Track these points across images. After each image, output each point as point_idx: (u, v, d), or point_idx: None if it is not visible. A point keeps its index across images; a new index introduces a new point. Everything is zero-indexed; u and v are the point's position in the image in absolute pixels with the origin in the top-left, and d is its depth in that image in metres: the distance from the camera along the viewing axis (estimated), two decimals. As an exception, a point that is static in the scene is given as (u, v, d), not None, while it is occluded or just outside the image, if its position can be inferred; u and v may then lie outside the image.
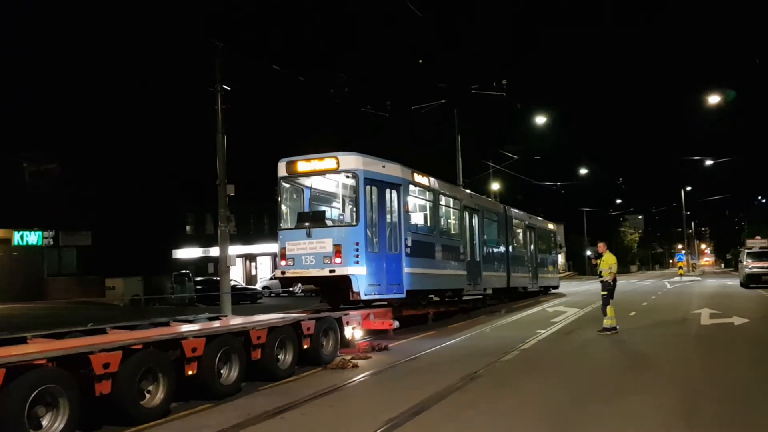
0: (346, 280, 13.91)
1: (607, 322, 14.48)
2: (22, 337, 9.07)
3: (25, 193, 34.86)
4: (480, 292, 21.82)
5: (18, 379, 6.32)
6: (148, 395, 7.82)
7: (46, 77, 40.80)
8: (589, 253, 76.71)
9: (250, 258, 51.97)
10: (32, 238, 34.93)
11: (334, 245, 14.00)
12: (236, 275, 42.69)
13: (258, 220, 51.12)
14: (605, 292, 14.67)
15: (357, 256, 13.90)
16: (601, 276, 14.96)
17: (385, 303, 15.31)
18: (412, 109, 28.92)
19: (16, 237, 34.17)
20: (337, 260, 13.94)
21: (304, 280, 14.86)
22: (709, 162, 51.79)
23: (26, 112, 36.22)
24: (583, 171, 58.67)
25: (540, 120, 36.55)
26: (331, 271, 14.02)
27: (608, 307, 14.57)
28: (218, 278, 22.19)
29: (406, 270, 15.16)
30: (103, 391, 7.20)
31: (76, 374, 6.99)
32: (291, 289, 15.06)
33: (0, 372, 6.18)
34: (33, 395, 6.37)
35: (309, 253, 14.24)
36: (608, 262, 14.91)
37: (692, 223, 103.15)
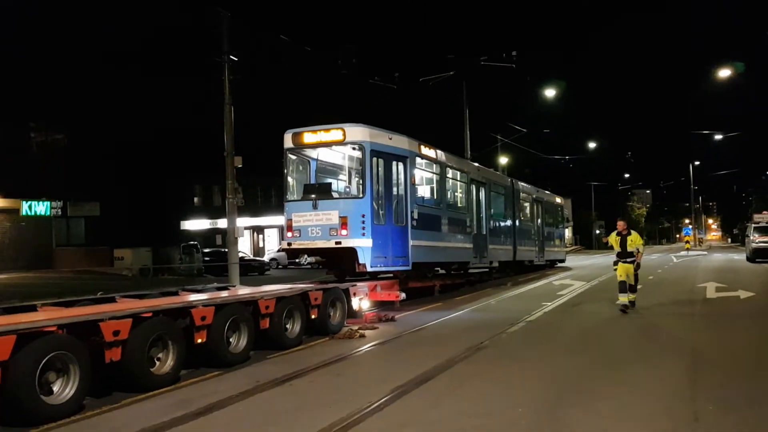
0: (351, 252, 13.94)
1: (632, 297, 13.90)
2: (32, 304, 9.15)
3: (32, 163, 34.95)
4: (486, 265, 21.86)
5: (29, 346, 6.40)
6: (158, 362, 7.93)
7: (52, 46, 40.58)
8: (598, 231, 76.33)
9: (258, 230, 52.12)
10: (40, 208, 35.11)
11: (340, 217, 14.02)
12: (244, 247, 42.92)
13: (266, 193, 51.15)
14: (637, 271, 14.05)
15: (363, 229, 13.91)
16: (632, 256, 13.91)
17: (391, 275, 15.38)
18: (421, 81, 28.78)
19: (25, 207, 34.35)
20: (343, 232, 13.97)
21: (310, 251, 14.90)
22: (718, 136, 51.61)
23: (33, 82, 36.10)
24: (592, 145, 58.50)
25: (549, 93, 36.27)
26: (337, 243, 14.06)
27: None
28: (226, 249, 22.31)
29: (412, 242, 15.20)
30: (114, 358, 7.30)
31: (86, 341, 7.08)
32: (297, 260, 15.11)
33: (11, 339, 6.25)
34: (44, 361, 6.45)
35: (315, 224, 14.28)
36: (636, 242, 14.04)
37: (700, 198, 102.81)
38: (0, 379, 6.13)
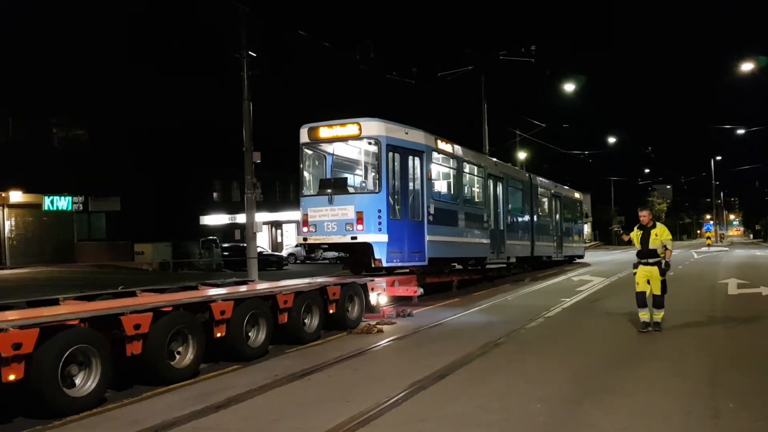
0: (367, 247, 13.89)
1: (658, 316, 10.96)
2: (54, 298, 9.27)
3: (54, 158, 35.33)
4: (503, 260, 21.77)
5: (52, 339, 6.49)
6: (178, 356, 8.01)
7: (73, 41, 41.00)
8: (616, 228, 74.95)
9: (276, 225, 52.31)
10: (62, 203, 35.49)
11: (356, 212, 13.97)
12: (262, 242, 43.11)
13: (284, 188, 51.37)
14: (664, 277, 10.90)
15: (379, 224, 13.87)
16: (655, 256, 10.83)
17: (407, 270, 15.36)
18: (439, 75, 28.69)
19: (47, 202, 34.75)
20: (359, 227, 13.93)
21: (326, 246, 14.91)
22: (740, 131, 50.76)
23: (55, 77, 36.52)
24: (612, 140, 57.82)
25: (568, 87, 35.97)
26: (353, 238, 14.03)
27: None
28: (245, 244, 22.45)
29: (428, 238, 15.15)
30: (134, 351, 7.38)
31: (107, 335, 7.17)
32: (313, 255, 15.09)
33: (34, 332, 6.34)
34: (66, 354, 6.54)
35: (331, 219, 14.26)
36: (663, 237, 10.92)
37: (721, 194, 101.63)
38: (23, 371, 6.21)
